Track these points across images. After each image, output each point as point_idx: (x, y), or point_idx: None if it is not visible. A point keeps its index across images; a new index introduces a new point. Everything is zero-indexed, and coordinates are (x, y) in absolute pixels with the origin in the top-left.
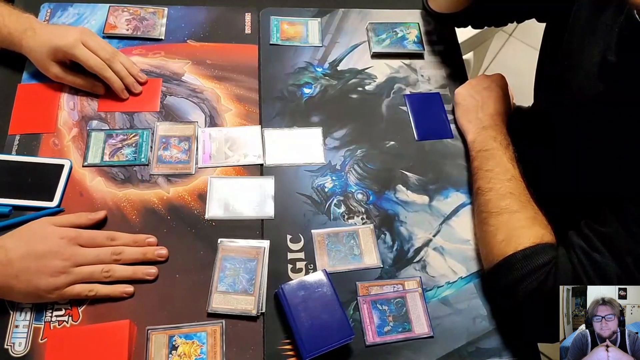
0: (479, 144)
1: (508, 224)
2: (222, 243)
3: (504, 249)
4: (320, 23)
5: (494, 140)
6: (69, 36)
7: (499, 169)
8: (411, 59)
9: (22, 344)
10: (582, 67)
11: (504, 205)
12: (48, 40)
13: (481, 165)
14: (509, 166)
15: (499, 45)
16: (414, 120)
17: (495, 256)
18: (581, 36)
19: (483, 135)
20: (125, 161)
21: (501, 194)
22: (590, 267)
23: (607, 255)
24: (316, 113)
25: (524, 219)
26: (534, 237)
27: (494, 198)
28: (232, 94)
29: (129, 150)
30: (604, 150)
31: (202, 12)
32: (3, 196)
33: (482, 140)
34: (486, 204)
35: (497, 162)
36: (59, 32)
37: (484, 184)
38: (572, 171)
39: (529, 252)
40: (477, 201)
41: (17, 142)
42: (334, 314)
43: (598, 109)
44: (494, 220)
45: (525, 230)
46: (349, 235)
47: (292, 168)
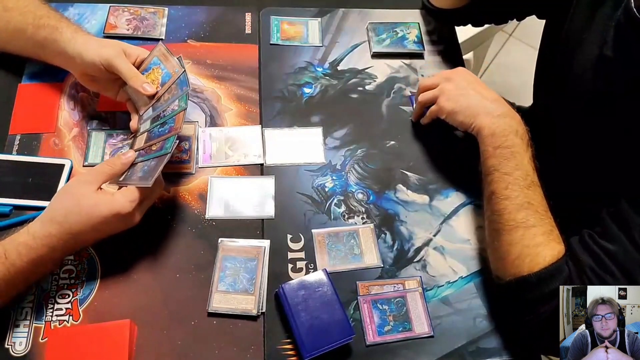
0: (498, 138)
1: (523, 240)
2: (222, 243)
3: (518, 269)
4: (321, 23)
5: (515, 135)
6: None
7: (519, 173)
8: (411, 58)
9: (22, 344)
10: (579, 61)
11: (520, 218)
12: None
13: (499, 165)
14: (529, 169)
15: (499, 45)
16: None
17: (508, 274)
18: (579, 31)
19: (501, 126)
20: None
21: (519, 203)
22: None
23: (619, 276)
24: (316, 113)
25: (540, 234)
26: (550, 256)
27: (510, 208)
28: (232, 93)
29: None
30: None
31: (203, 12)
32: (4, 196)
33: (501, 134)
34: (501, 214)
35: (518, 164)
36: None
37: (500, 190)
38: (572, 171)
39: (544, 275)
40: (491, 207)
41: (18, 142)
42: (334, 313)
43: (596, 103)
44: (508, 235)
45: (540, 249)
46: (349, 235)
47: (293, 168)
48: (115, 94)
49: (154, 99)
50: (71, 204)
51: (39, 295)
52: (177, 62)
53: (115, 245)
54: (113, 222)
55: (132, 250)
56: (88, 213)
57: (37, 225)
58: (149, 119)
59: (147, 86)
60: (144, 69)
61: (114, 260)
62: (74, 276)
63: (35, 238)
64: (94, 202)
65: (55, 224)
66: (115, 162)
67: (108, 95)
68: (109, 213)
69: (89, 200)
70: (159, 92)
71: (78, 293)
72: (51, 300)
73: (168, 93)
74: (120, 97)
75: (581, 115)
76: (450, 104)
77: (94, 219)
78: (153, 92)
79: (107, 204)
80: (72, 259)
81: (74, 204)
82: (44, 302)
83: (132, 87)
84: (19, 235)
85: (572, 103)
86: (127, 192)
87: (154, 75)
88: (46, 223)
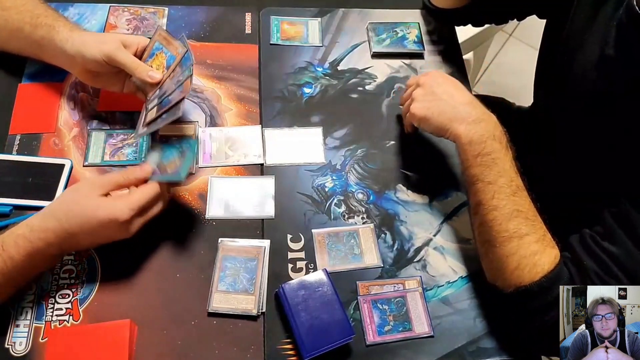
0: (477, 145)
1: (519, 251)
2: (222, 243)
3: (518, 280)
4: (321, 23)
5: (493, 140)
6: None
7: (503, 180)
8: (411, 58)
9: (22, 344)
10: (581, 61)
11: (512, 228)
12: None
13: (482, 175)
14: (512, 174)
15: (499, 45)
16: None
17: (508, 285)
18: (580, 31)
19: (478, 132)
20: (125, 161)
21: (508, 213)
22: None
23: (624, 280)
24: (316, 113)
25: (534, 242)
26: (548, 263)
27: (500, 219)
28: (232, 93)
29: (129, 150)
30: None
31: (203, 12)
32: (4, 196)
33: (479, 140)
34: (491, 226)
35: (500, 170)
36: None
37: (487, 200)
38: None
39: (545, 283)
40: (479, 218)
41: (18, 142)
42: (334, 313)
43: (596, 103)
44: (502, 248)
45: (537, 257)
46: (349, 235)
47: (293, 168)
48: (121, 87)
49: (160, 83)
50: (73, 203)
51: (39, 295)
52: (179, 43)
53: (116, 245)
54: (109, 228)
55: (132, 250)
56: (87, 215)
57: (37, 219)
58: (155, 97)
59: (153, 74)
60: (147, 56)
61: (114, 260)
62: (74, 276)
63: (33, 231)
64: (95, 206)
65: (54, 219)
66: (130, 176)
67: (114, 89)
68: (106, 217)
69: (91, 202)
70: (164, 76)
71: (78, 293)
72: (51, 300)
73: (173, 73)
74: (127, 89)
75: (582, 115)
76: (421, 110)
77: (92, 221)
78: (160, 79)
79: (106, 208)
80: (72, 259)
81: (75, 204)
82: (44, 302)
83: (138, 78)
84: (18, 227)
85: (572, 103)
86: (128, 200)
87: (159, 60)
88: (46, 217)
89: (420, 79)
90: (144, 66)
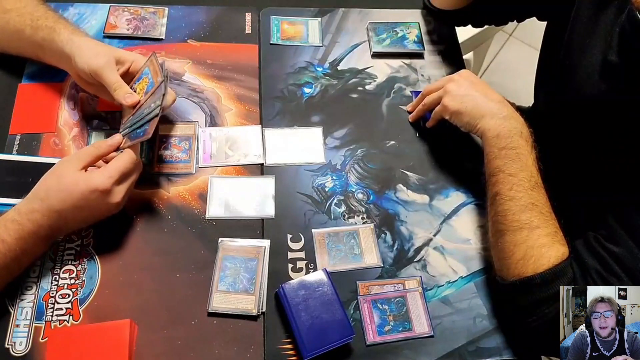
0: (504, 139)
1: (527, 241)
2: (222, 242)
3: (522, 269)
4: (321, 23)
5: (520, 137)
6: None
7: (523, 174)
8: (411, 58)
9: (22, 343)
10: (583, 66)
11: (524, 219)
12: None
13: (504, 166)
14: (534, 171)
15: (499, 45)
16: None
17: (512, 274)
18: (582, 35)
19: (507, 127)
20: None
21: (523, 205)
22: None
23: (625, 279)
24: (316, 113)
25: (544, 235)
26: (554, 257)
27: (514, 209)
28: (232, 93)
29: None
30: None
31: (203, 12)
32: (4, 196)
33: (507, 135)
34: (505, 215)
35: (523, 165)
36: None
37: (504, 191)
38: (572, 171)
39: (548, 276)
40: (495, 208)
41: (18, 142)
42: (334, 313)
43: (598, 108)
44: (511, 236)
45: (545, 250)
46: (349, 235)
47: (293, 167)
48: (111, 97)
49: (137, 107)
50: (52, 182)
51: (39, 295)
52: (161, 71)
53: (116, 245)
54: (91, 199)
55: (132, 250)
56: (67, 189)
57: (23, 203)
58: (128, 124)
59: (128, 97)
60: (137, 78)
61: (114, 260)
62: (74, 276)
63: (21, 214)
64: (74, 180)
65: (37, 200)
66: (101, 144)
67: (105, 97)
68: (86, 189)
69: (69, 178)
70: (140, 101)
71: (78, 293)
72: (51, 300)
73: (149, 101)
74: (116, 101)
75: (583, 119)
76: (455, 104)
77: (73, 195)
78: (134, 103)
79: (85, 180)
80: (72, 259)
81: (55, 182)
82: (44, 302)
83: (115, 98)
84: (7, 213)
85: (574, 107)
86: (105, 169)
87: (142, 84)
88: (30, 199)
89: (453, 76)
90: (123, 88)
